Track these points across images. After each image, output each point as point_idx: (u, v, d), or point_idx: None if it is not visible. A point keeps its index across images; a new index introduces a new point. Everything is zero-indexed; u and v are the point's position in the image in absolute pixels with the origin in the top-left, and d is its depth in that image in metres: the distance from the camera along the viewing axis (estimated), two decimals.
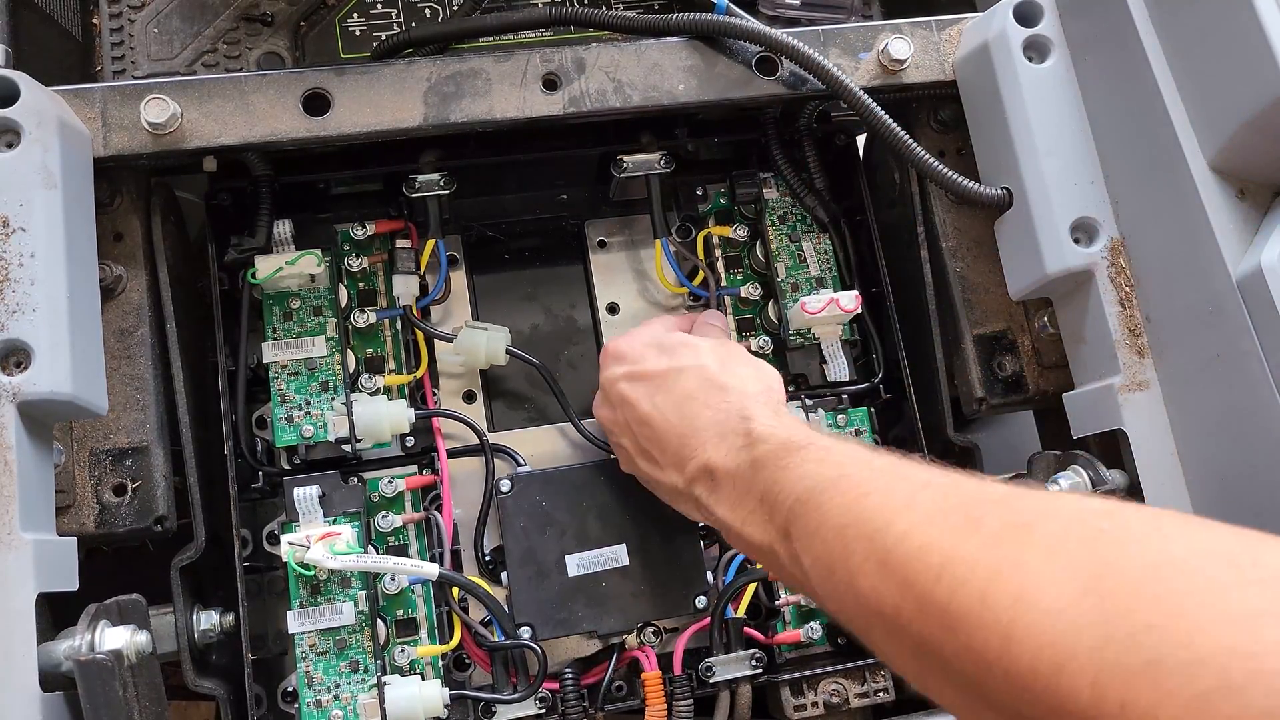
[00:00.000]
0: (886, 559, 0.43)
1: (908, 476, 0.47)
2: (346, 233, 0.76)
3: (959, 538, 0.41)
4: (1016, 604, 0.37)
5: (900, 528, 0.44)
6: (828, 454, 0.52)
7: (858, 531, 0.46)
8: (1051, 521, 0.40)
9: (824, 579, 0.48)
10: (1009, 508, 0.42)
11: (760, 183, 0.82)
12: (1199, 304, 0.63)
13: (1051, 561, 0.37)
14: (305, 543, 0.65)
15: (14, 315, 0.56)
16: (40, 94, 0.61)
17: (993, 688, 0.38)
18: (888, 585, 0.43)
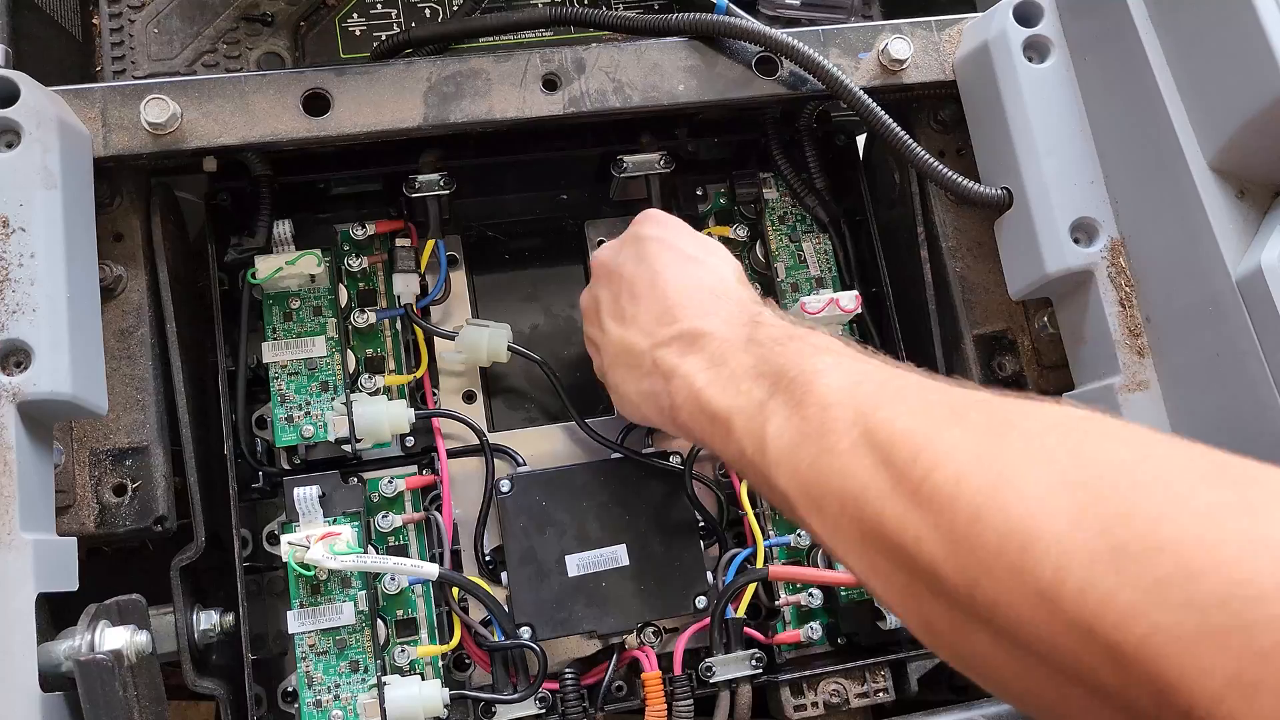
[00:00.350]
0: (867, 439, 0.44)
1: (899, 374, 0.48)
2: (346, 233, 0.76)
3: (943, 426, 0.42)
4: (990, 488, 0.38)
5: (886, 413, 0.44)
6: (828, 344, 0.53)
7: (841, 411, 0.46)
8: (1033, 420, 0.41)
9: (785, 452, 0.48)
10: (993, 406, 0.43)
11: (760, 183, 0.82)
12: (1199, 304, 0.63)
13: (1028, 452, 0.38)
14: (305, 543, 0.65)
15: (14, 315, 0.56)
16: (40, 94, 0.61)
17: (950, 568, 0.39)
18: (861, 463, 0.43)
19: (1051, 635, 0.35)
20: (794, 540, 0.76)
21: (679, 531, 0.73)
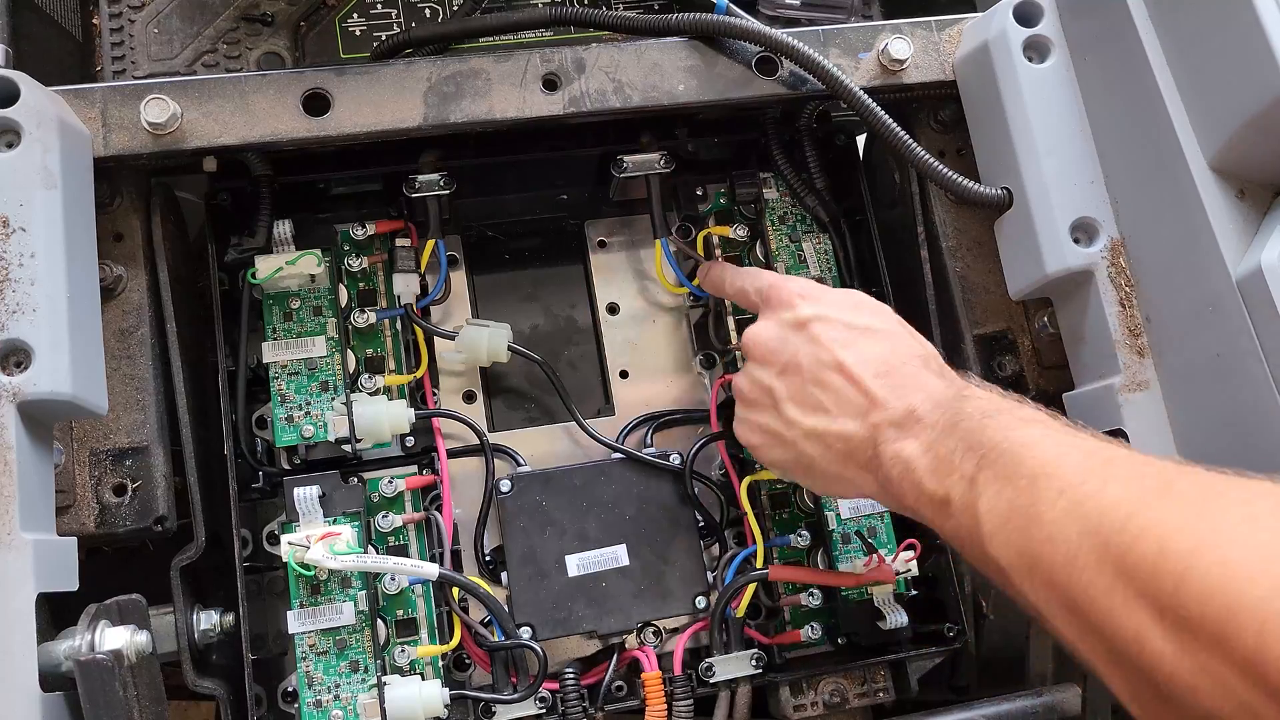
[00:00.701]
0: (1075, 509, 0.44)
1: (1106, 446, 0.49)
2: (346, 233, 0.76)
3: (1151, 496, 0.42)
4: (1193, 554, 0.38)
5: (1095, 484, 0.45)
6: (1034, 415, 0.53)
7: (1049, 483, 0.47)
8: (1243, 490, 0.41)
9: (998, 524, 0.49)
10: (1203, 478, 0.43)
11: (760, 183, 0.82)
12: (1199, 304, 0.63)
13: (1233, 520, 0.39)
14: (305, 543, 0.65)
15: (14, 315, 0.56)
16: (40, 94, 0.61)
17: (1155, 636, 0.39)
18: (1069, 532, 0.44)
19: (1256, 708, 0.35)
20: (794, 540, 0.76)
21: (679, 531, 0.73)
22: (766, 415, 0.65)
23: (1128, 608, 0.40)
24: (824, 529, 0.75)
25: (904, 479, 0.56)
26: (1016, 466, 0.49)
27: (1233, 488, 0.42)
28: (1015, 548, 0.47)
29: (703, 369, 0.82)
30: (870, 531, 0.75)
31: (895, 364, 0.61)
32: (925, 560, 0.76)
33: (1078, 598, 0.43)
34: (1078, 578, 0.43)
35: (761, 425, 0.65)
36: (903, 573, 0.72)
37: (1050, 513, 0.46)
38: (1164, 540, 0.40)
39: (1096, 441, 0.50)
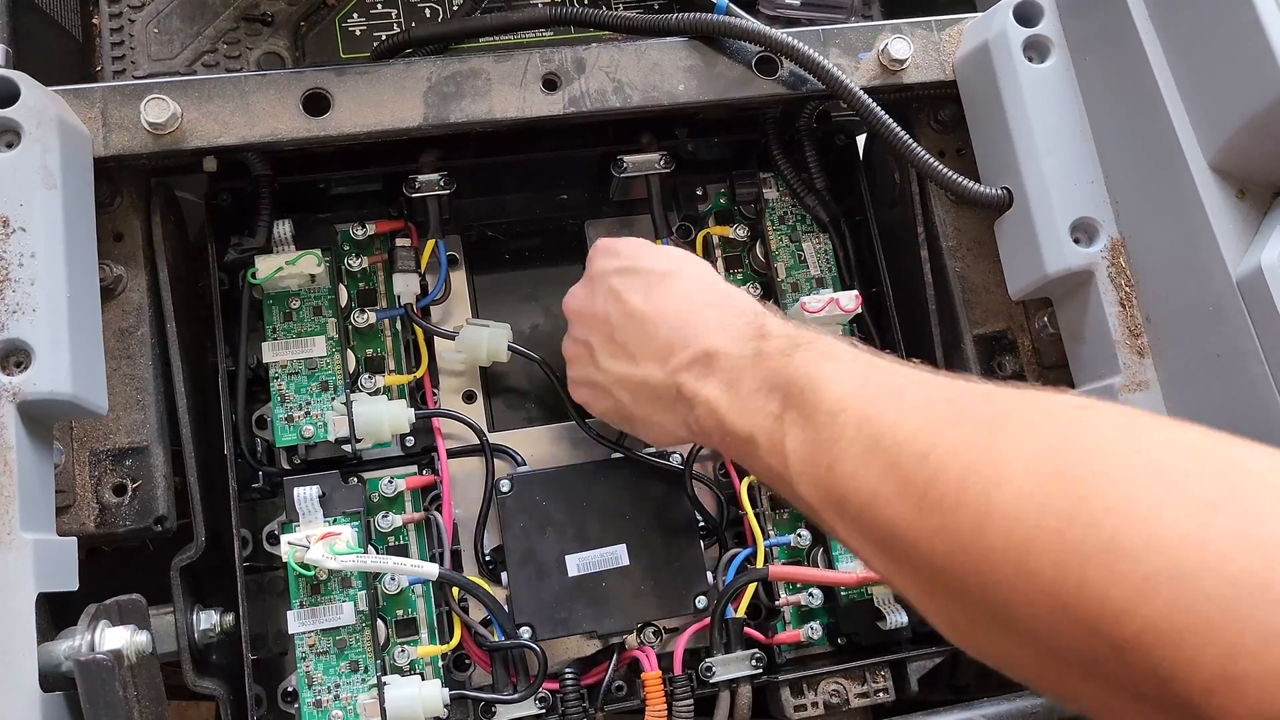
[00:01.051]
0: (874, 445, 0.45)
1: (901, 373, 0.49)
2: (346, 233, 0.76)
3: (944, 425, 0.43)
4: (991, 488, 0.39)
5: (891, 417, 0.45)
6: (832, 349, 0.53)
7: (849, 418, 0.47)
8: (1029, 411, 0.41)
9: (804, 463, 0.49)
10: (991, 400, 0.44)
11: (760, 183, 0.82)
12: (1199, 304, 0.63)
13: (1025, 447, 0.39)
14: (305, 543, 0.65)
15: (14, 315, 0.56)
16: (40, 94, 0.61)
17: (962, 571, 0.39)
18: (870, 470, 0.44)
19: (1061, 631, 0.36)
20: (794, 540, 0.76)
21: (679, 531, 0.73)
22: (587, 368, 0.67)
23: (933, 542, 0.41)
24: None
25: (709, 419, 0.57)
26: (817, 403, 0.49)
27: (1022, 407, 0.42)
28: (822, 487, 0.48)
29: None
30: None
31: (694, 307, 0.61)
32: None
33: (886, 533, 0.43)
34: (883, 514, 0.43)
35: (584, 379, 0.68)
36: None
37: (851, 449, 0.46)
38: (963, 474, 0.40)
39: (892, 369, 0.50)
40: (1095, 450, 0.38)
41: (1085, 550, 0.35)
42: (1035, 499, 0.37)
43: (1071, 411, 0.41)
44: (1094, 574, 0.34)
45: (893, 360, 0.51)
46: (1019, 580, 0.37)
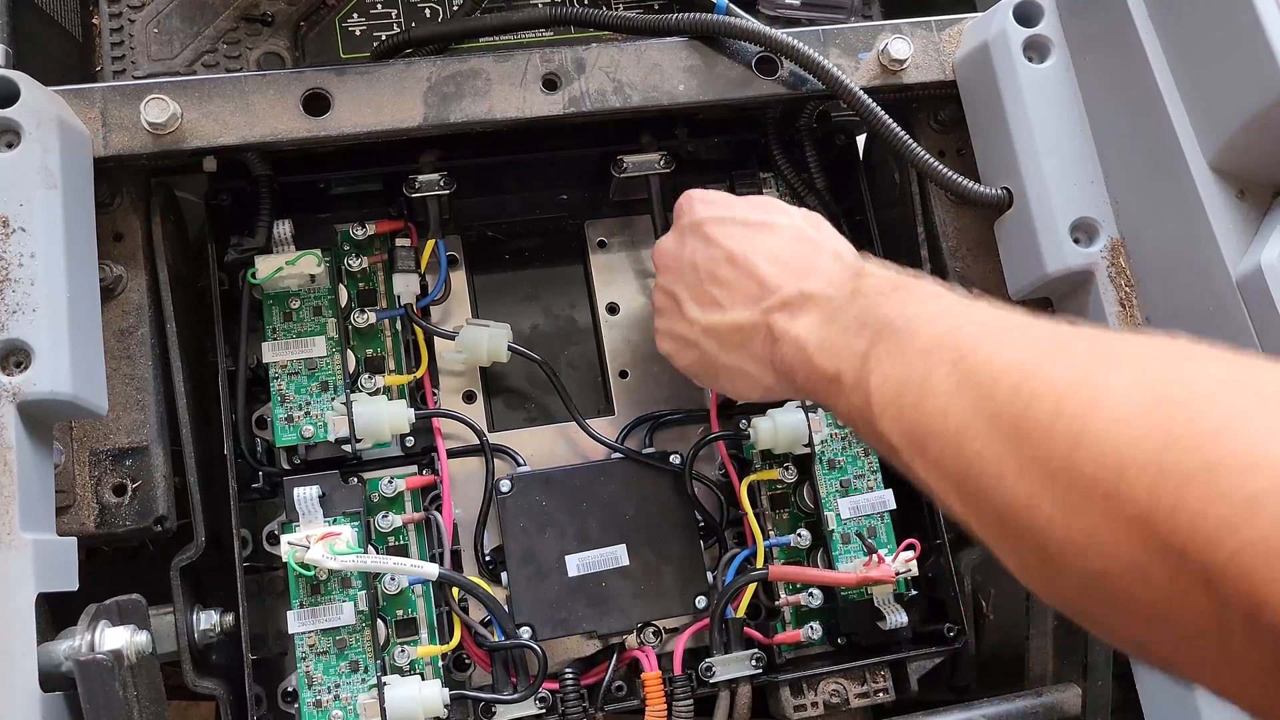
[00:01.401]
0: (966, 379, 0.44)
1: (1003, 315, 0.48)
2: (346, 233, 0.76)
3: (1043, 359, 0.42)
4: (1088, 413, 0.37)
5: (986, 350, 0.44)
6: (934, 292, 0.53)
7: (943, 356, 0.46)
8: (1135, 347, 0.40)
9: (889, 400, 0.48)
10: (1096, 339, 0.42)
11: (760, 183, 0.82)
12: (1199, 304, 0.63)
13: (1127, 376, 0.38)
14: (305, 543, 0.65)
15: (14, 315, 0.56)
16: (40, 94, 0.61)
17: (1047, 504, 0.38)
18: (961, 403, 0.43)
19: (1145, 567, 0.35)
20: (794, 540, 0.76)
21: (679, 531, 0.73)
22: (673, 320, 0.66)
23: (1019, 474, 0.40)
24: (824, 529, 0.75)
25: (796, 358, 0.56)
26: (910, 341, 0.48)
27: (1126, 344, 0.41)
28: (906, 424, 0.47)
29: None
30: (870, 531, 0.75)
31: (791, 252, 0.60)
32: (925, 560, 0.76)
33: (969, 469, 0.42)
34: (969, 448, 0.42)
35: (671, 331, 0.67)
36: (903, 573, 0.72)
37: (943, 385, 0.45)
38: (1059, 402, 0.39)
39: (992, 309, 0.49)
40: (1204, 378, 0.37)
41: (1185, 470, 0.33)
42: (1135, 423, 0.36)
43: (1180, 347, 0.39)
44: (1191, 495, 0.33)
45: (991, 301, 0.50)
46: (1107, 507, 0.36)
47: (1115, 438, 0.36)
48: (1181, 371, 0.38)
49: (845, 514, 0.75)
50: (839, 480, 0.76)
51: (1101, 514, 0.36)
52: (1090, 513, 0.36)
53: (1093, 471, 0.36)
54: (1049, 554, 0.39)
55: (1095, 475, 0.36)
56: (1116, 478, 0.35)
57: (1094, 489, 0.36)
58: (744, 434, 0.75)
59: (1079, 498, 0.37)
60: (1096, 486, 0.36)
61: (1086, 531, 0.37)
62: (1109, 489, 0.36)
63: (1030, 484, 0.39)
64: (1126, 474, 0.35)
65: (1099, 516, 0.36)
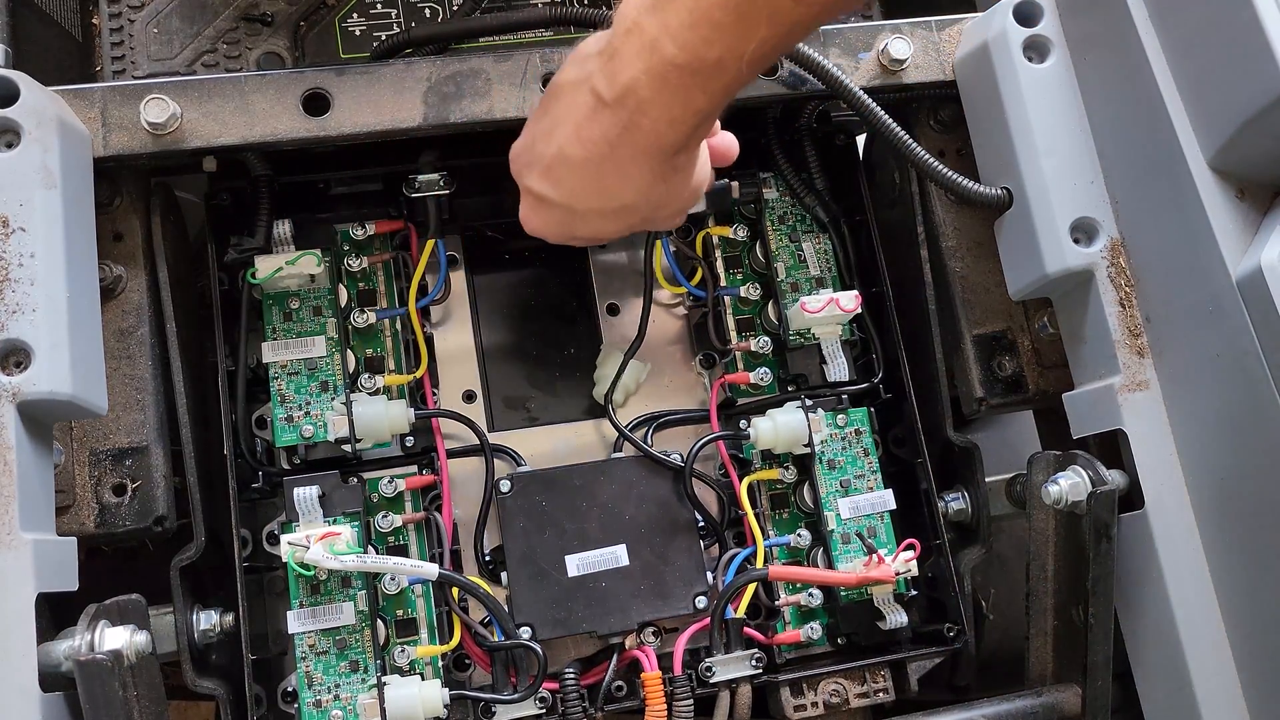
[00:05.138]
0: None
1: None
2: (346, 233, 0.76)
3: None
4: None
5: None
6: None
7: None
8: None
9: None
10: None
11: (760, 183, 0.82)
12: (1199, 304, 0.63)
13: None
14: (305, 543, 0.65)
15: (14, 315, 0.57)
16: (40, 94, 0.61)
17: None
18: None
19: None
20: (794, 540, 0.76)
21: (679, 531, 0.73)
22: (534, 166, 0.62)
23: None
24: (824, 529, 0.75)
25: (638, 48, 0.53)
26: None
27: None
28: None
29: (703, 369, 0.81)
30: (870, 531, 0.75)
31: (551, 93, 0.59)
32: (925, 560, 0.76)
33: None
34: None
35: (534, 187, 0.62)
36: (903, 573, 0.72)
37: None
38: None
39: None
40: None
41: None
42: None
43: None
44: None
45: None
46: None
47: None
48: None
49: (845, 514, 0.75)
50: (839, 480, 0.76)
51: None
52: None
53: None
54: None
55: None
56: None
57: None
58: (744, 434, 0.75)
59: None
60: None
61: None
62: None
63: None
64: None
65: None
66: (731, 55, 0.50)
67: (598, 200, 0.60)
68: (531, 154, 0.61)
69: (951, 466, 0.77)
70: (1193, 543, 0.66)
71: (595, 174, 0.58)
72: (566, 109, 0.58)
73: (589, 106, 0.56)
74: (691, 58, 0.51)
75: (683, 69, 0.51)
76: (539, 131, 0.61)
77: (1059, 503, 0.66)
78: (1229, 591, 0.64)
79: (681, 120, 0.54)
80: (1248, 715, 0.64)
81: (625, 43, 0.53)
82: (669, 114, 0.54)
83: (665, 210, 0.63)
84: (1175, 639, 0.65)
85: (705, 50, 0.50)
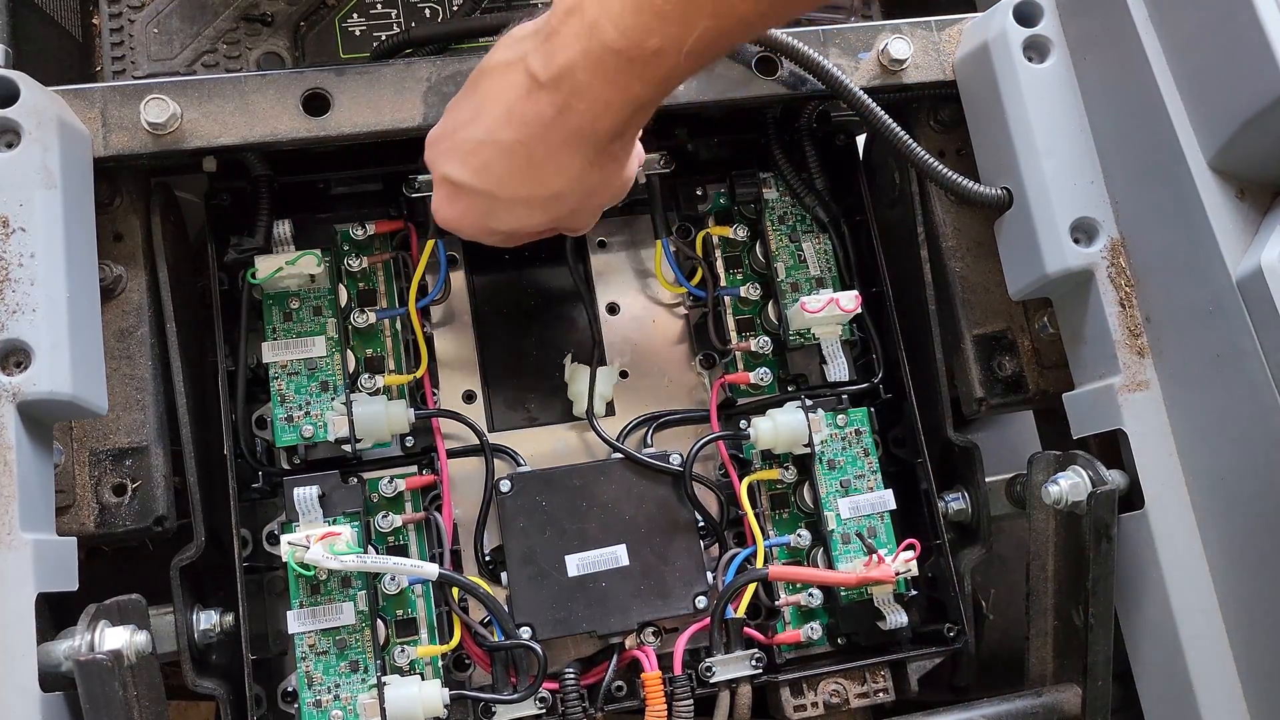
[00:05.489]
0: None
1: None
2: (346, 233, 0.76)
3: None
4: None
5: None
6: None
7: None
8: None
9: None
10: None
11: (760, 183, 0.82)
12: (1199, 304, 0.63)
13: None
14: (305, 543, 0.65)
15: (14, 315, 0.57)
16: (40, 94, 0.61)
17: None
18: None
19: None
20: (794, 540, 0.76)
21: (679, 531, 0.73)
22: (450, 154, 0.61)
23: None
24: (824, 529, 0.75)
25: (578, 36, 0.52)
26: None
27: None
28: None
29: (702, 369, 0.81)
30: (870, 531, 0.75)
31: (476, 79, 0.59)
32: (925, 560, 0.76)
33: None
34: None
35: (449, 176, 0.61)
36: (903, 573, 0.72)
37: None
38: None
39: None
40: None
41: None
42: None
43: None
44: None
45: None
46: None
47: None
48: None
49: (845, 514, 0.75)
50: (839, 480, 0.76)
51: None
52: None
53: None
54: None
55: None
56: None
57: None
58: (744, 434, 0.75)
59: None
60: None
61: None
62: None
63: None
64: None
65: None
66: (672, 45, 0.50)
67: (525, 188, 0.58)
68: (452, 140, 0.60)
69: (951, 466, 0.77)
70: (1193, 543, 0.66)
71: (525, 158, 0.57)
72: (497, 90, 0.56)
73: (522, 87, 0.55)
74: (630, 44, 0.50)
75: (620, 54, 0.50)
76: (462, 116, 0.59)
77: (1059, 503, 0.66)
78: (1229, 591, 0.64)
79: (618, 107, 0.53)
80: (1248, 715, 0.64)
81: (565, 23, 0.52)
82: (605, 98, 0.53)
83: (595, 200, 0.62)
84: (1175, 639, 0.65)
85: (645, 38, 0.49)
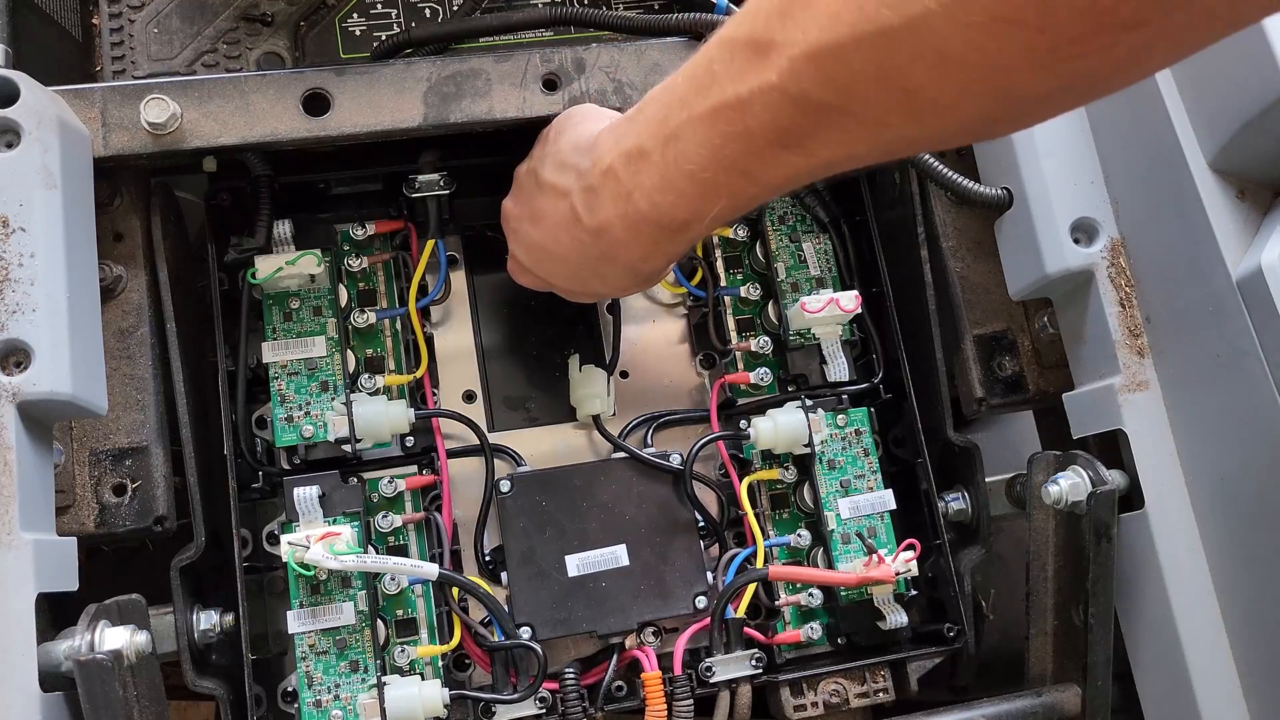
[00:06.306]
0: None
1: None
2: (346, 233, 0.76)
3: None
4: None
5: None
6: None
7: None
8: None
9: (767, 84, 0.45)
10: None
11: None
12: (1199, 304, 0.63)
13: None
14: (305, 543, 0.65)
15: (14, 315, 0.57)
16: (40, 94, 0.61)
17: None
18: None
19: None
20: (794, 540, 0.76)
21: (679, 531, 0.73)
22: (523, 243, 0.67)
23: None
24: (824, 529, 0.75)
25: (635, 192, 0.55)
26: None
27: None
28: (808, 53, 0.42)
29: (703, 369, 0.82)
30: (870, 531, 0.75)
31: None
32: (925, 560, 0.76)
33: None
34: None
35: (528, 263, 0.68)
36: (903, 573, 0.72)
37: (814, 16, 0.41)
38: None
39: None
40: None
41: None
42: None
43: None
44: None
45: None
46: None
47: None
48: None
49: (845, 514, 0.75)
50: (839, 480, 0.76)
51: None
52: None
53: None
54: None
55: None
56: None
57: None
58: (744, 434, 0.75)
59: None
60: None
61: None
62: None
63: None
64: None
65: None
66: (696, 218, 0.54)
67: (574, 284, 0.66)
68: (516, 232, 0.68)
69: (951, 466, 0.77)
70: (1193, 543, 0.66)
71: (575, 269, 0.64)
72: (550, 210, 0.63)
73: (569, 220, 0.60)
74: (661, 216, 0.54)
75: (653, 223, 0.55)
76: (524, 210, 0.66)
77: (1059, 503, 0.66)
78: (1229, 591, 0.64)
79: (654, 258, 0.59)
80: (1248, 715, 0.64)
81: (602, 184, 0.57)
82: (642, 252, 0.58)
83: (638, 289, 0.71)
84: (1175, 639, 0.65)
85: (673, 212, 0.54)
